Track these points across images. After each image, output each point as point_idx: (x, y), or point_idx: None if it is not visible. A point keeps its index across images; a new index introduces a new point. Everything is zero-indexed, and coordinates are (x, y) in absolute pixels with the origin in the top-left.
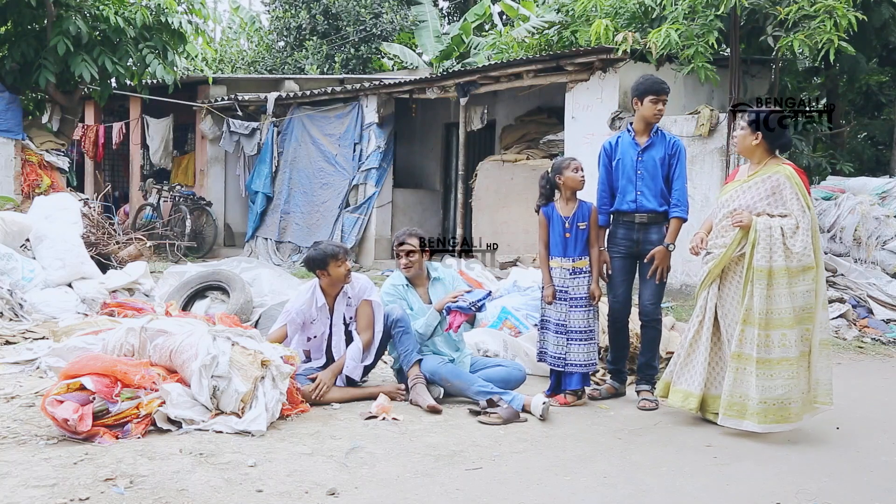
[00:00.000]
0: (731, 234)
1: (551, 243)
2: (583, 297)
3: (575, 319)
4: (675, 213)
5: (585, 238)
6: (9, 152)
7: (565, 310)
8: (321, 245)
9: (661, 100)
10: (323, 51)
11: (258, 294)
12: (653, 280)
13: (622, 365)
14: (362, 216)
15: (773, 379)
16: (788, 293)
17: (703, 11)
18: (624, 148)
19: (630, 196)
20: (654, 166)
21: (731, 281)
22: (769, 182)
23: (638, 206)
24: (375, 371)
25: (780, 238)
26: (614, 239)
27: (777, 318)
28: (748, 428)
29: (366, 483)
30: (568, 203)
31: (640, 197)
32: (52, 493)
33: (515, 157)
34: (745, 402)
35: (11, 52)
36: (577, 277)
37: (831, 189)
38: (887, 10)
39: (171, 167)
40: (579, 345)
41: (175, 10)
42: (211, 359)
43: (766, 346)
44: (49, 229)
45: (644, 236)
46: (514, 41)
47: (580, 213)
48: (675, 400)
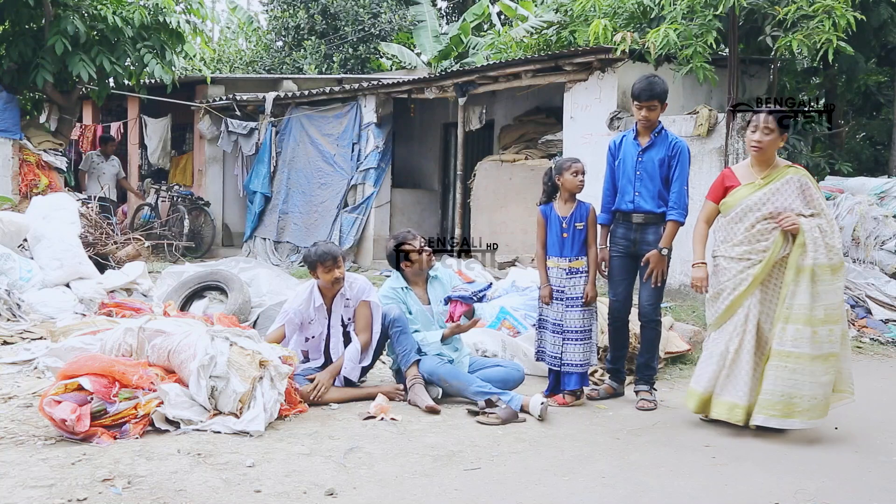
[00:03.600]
0: (770, 237)
1: (549, 243)
2: (579, 297)
3: (571, 319)
4: (672, 216)
5: (583, 238)
6: (6, 152)
7: (562, 309)
8: (314, 247)
9: (644, 106)
10: (321, 51)
11: (256, 294)
12: (648, 283)
13: (621, 365)
14: (361, 216)
15: (825, 374)
16: (832, 289)
17: (701, 11)
18: (626, 148)
19: (629, 196)
20: (654, 167)
21: (769, 283)
22: (794, 183)
23: (636, 206)
24: (374, 371)
25: (820, 237)
26: (614, 238)
27: (825, 314)
28: (793, 426)
29: (364, 483)
30: (566, 203)
31: (638, 198)
32: (49, 494)
33: (514, 157)
34: (793, 400)
35: (9, 52)
36: (574, 277)
37: (830, 189)
38: (886, 11)
39: (170, 167)
40: (576, 345)
41: (173, 10)
42: (209, 359)
43: (817, 343)
44: (47, 229)
45: (641, 237)
46: (512, 41)
47: (578, 214)
48: (719, 412)
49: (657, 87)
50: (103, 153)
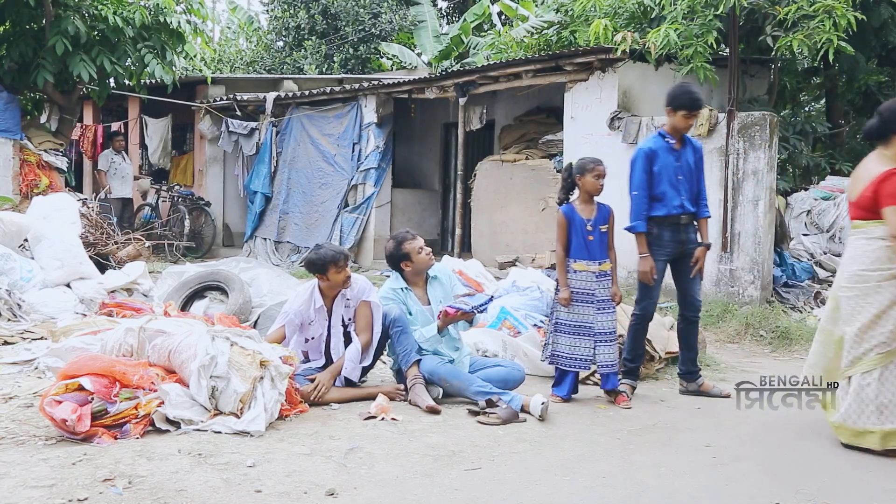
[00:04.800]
0: None
1: (574, 246)
2: (608, 299)
3: (603, 322)
4: (706, 213)
5: (606, 240)
6: (7, 152)
7: (592, 312)
8: (322, 249)
9: (693, 115)
10: (322, 51)
11: (257, 294)
12: (698, 277)
13: (640, 363)
14: (361, 216)
15: None
16: None
17: (702, 11)
18: (663, 154)
19: (676, 201)
20: (690, 170)
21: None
22: None
23: (684, 209)
24: (374, 371)
25: None
26: (661, 242)
27: None
28: None
29: (365, 483)
30: (587, 205)
31: (685, 200)
32: (50, 494)
33: (514, 157)
34: None
35: (10, 52)
36: (603, 280)
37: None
38: (886, 10)
39: (170, 167)
40: (609, 345)
41: (174, 10)
42: (210, 359)
43: None
44: (47, 229)
45: (686, 236)
46: (513, 41)
47: (601, 216)
48: None
49: (701, 97)
50: (115, 150)
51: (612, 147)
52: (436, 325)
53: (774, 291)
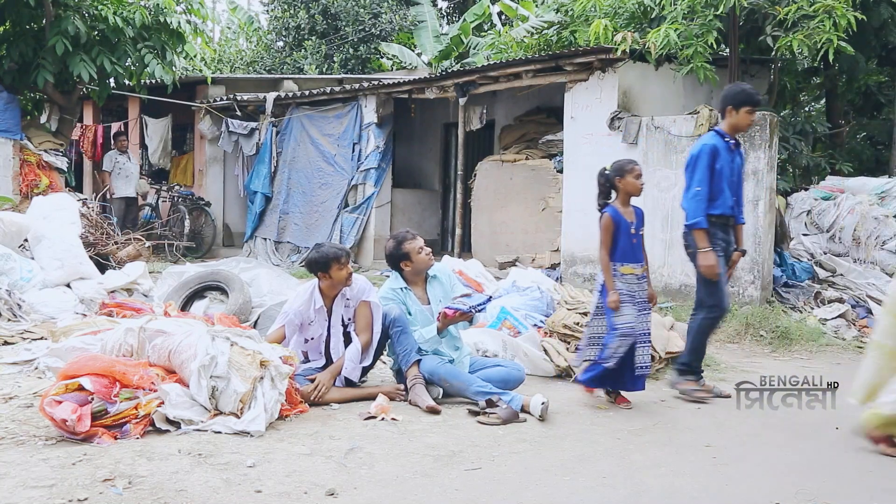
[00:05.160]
0: None
1: (621, 249)
2: (645, 300)
3: (644, 323)
4: (742, 220)
5: (642, 242)
6: (7, 152)
7: (635, 314)
8: (323, 247)
9: (755, 111)
10: (322, 51)
11: (257, 294)
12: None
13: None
14: (361, 216)
15: None
16: None
17: (702, 11)
18: (724, 153)
19: (730, 201)
20: (740, 172)
21: None
22: None
23: (733, 210)
24: (374, 371)
25: None
26: (715, 240)
27: None
28: None
29: (365, 483)
30: (626, 207)
31: (735, 202)
32: (50, 494)
33: (514, 157)
34: None
35: (10, 52)
36: (642, 282)
37: (830, 189)
38: (886, 10)
39: (170, 167)
40: (644, 347)
41: (174, 10)
42: (210, 359)
43: None
44: (47, 229)
45: (730, 238)
46: (513, 41)
47: (639, 218)
48: None
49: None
50: (119, 149)
51: (612, 147)
52: (435, 327)
53: (774, 291)
